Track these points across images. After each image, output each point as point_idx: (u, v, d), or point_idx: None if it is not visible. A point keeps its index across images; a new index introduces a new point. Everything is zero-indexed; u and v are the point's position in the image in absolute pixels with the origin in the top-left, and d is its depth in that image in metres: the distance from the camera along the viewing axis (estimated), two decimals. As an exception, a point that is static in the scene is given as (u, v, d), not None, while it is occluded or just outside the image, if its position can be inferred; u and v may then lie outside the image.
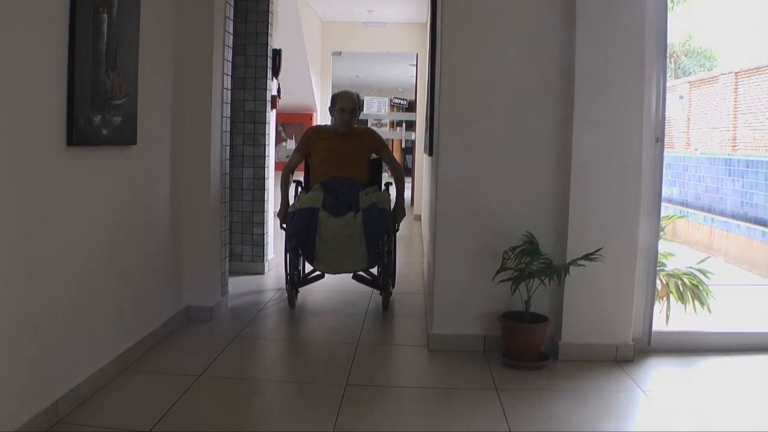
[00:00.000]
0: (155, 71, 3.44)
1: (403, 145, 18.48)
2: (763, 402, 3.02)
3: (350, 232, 4.15)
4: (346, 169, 4.52)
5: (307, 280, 4.62)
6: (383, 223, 4.26)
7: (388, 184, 4.81)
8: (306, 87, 8.71)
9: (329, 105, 4.75)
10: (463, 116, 3.54)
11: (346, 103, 4.61)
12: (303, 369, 3.46)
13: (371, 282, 4.56)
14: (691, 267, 3.97)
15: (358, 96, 4.70)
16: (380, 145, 4.73)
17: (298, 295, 4.55)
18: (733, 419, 2.81)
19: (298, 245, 4.28)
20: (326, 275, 4.54)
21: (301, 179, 4.84)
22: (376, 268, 4.52)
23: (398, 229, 4.64)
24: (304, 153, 4.72)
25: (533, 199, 3.55)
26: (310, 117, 9.18)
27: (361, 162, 4.64)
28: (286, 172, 4.72)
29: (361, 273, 4.46)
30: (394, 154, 4.92)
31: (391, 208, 4.52)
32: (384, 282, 4.45)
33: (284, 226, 4.44)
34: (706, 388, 3.18)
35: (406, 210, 4.77)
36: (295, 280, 4.43)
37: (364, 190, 4.44)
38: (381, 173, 4.90)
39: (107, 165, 3.01)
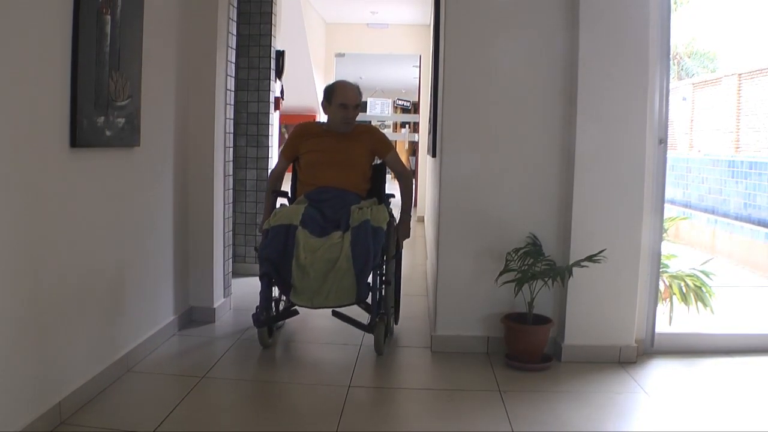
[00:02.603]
0: (158, 72, 3.44)
1: (406, 146, 18.46)
2: (766, 403, 3.01)
3: (334, 256, 3.32)
4: (340, 176, 3.68)
5: (275, 317, 3.70)
6: (376, 245, 3.40)
7: (389, 196, 3.87)
8: (309, 88, 8.72)
9: (323, 99, 3.83)
10: (466, 117, 3.54)
11: (348, 98, 3.73)
12: (306, 370, 3.46)
13: (355, 321, 3.56)
14: (694, 268, 3.97)
15: (359, 88, 3.85)
16: (384, 146, 3.87)
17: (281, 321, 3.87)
18: (735, 421, 2.81)
19: (271, 272, 3.41)
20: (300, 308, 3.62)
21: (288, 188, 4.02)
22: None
23: (401, 249, 3.90)
24: (289, 157, 3.88)
25: (536, 200, 3.54)
26: (313, 118, 9.19)
27: (359, 168, 3.77)
28: (271, 180, 3.96)
29: (340, 310, 3.52)
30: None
31: (396, 223, 3.76)
32: (374, 321, 3.50)
33: (257, 247, 3.59)
34: (709, 389, 3.17)
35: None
36: (262, 317, 3.48)
37: (358, 204, 3.60)
38: (384, 183, 3.98)
39: (111, 166, 3.01)
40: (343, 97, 3.73)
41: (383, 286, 3.62)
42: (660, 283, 3.65)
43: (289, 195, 3.97)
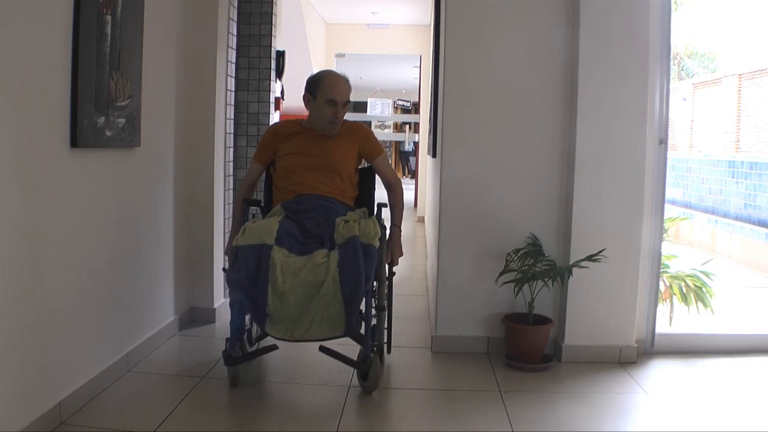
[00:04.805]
0: (159, 73, 3.45)
1: (405, 148, 18.43)
2: (766, 404, 3.01)
3: (319, 279, 2.79)
4: (323, 182, 3.16)
5: (251, 354, 3.18)
6: (369, 266, 2.86)
7: (381, 206, 3.24)
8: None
9: (305, 92, 3.21)
10: (467, 118, 3.55)
11: (338, 93, 3.12)
12: (306, 370, 3.46)
13: (346, 358, 3.01)
14: (694, 269, 3.97)
15: (349, 81, 3.24)
16: (373, 148, 3.31)
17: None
18: (735, 421, 2.81)
19: (242, 299, 2.85)
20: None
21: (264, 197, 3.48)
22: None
23: (394, 272, 3.33)
24: (264, 161, 3.31)
25: (537, 200, 3.55)
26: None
27: (345, 172, 3.23)
28: (242, 190, 3.41)
29: (326, 344, 2.93)
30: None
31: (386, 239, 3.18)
32: (368, 357, 2.95)
33: (225, 268, 3.07)
34: (709, 389, 3.17)
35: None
36: (232, 355, 2.94)
37: (345, 216, 3.07)
38: (374, 189, 3.42)
39: (111, 167, 3.01)
40: (331, 92, 3.12)
41: (378, 313, 3.08)
42: (660, 283, 3.65)
43: (263, 204, 3.43)
